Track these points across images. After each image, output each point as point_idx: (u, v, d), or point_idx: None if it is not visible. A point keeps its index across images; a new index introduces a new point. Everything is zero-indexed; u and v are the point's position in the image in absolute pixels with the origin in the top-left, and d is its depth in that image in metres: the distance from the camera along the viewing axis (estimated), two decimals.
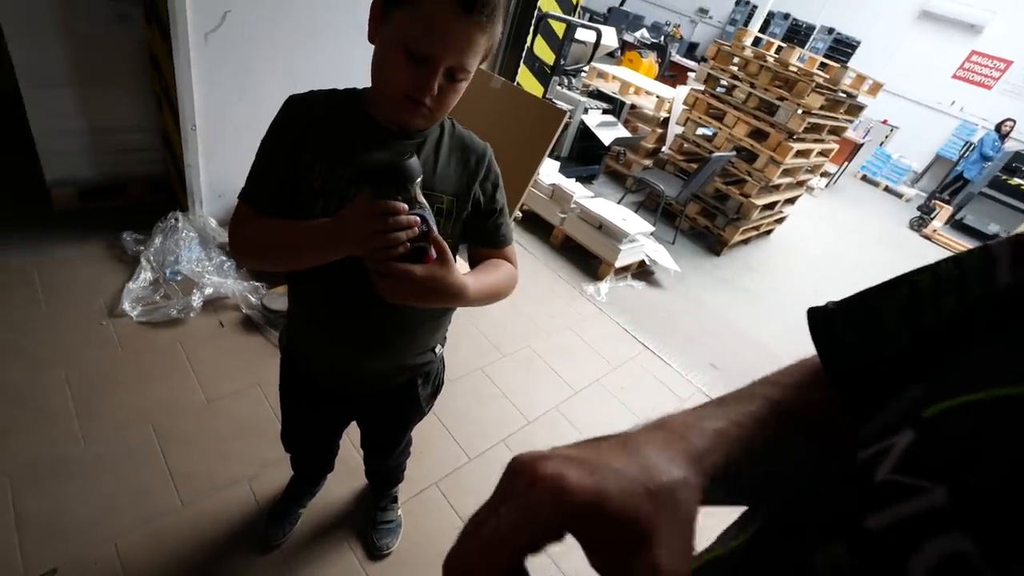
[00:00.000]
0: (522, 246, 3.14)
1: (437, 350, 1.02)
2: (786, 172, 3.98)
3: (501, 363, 2.21)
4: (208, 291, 1.99)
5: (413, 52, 0.66)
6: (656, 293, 3.22)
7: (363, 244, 0.64)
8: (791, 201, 4.58)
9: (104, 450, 1.44)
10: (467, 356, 2.18)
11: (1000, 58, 8.42)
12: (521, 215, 2.81)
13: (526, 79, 2.71)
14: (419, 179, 0.66)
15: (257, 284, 2.06)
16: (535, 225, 3.36)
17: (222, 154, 2.00)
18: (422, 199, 0.67)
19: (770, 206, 4.20)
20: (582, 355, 2.43)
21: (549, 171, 3.36)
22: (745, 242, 4.39)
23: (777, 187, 4.11)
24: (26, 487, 1.31)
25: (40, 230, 2.04)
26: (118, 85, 1.93)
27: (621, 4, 9.68)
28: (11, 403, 1.48)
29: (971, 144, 8.28)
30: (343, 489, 1.53)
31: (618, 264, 3.03)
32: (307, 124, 0.77)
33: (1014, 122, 7.71)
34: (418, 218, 0.65)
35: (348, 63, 2.05)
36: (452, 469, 1.70)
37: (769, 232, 4.78)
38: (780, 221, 4.76)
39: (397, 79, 0.68)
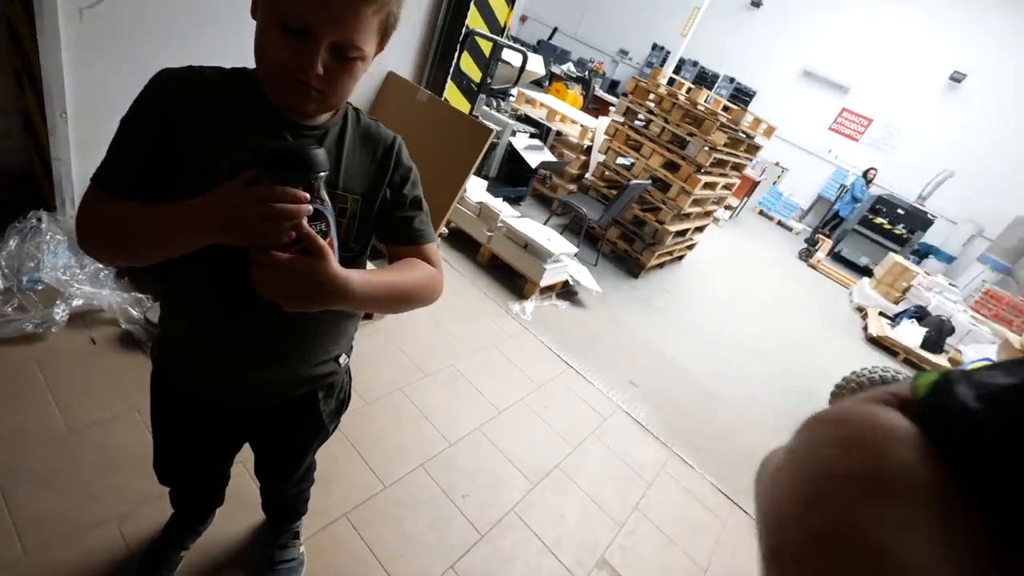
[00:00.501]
0: (449, 263, 3.09)
1: (341, 360, 0.91)
2: (696, 202, 4.29)
3: (423, 383, 2.12)
4: (77, 302, 1.72)
5: (290, 25, 0.59)
6: (579, 312, 3.29)
7: (246, 230, 0.57)
8: (700, 229, 4.94)
9: None
10: (387, 375, 2.07)
11: (863, 115, 9.81)
12: (447, 231, 2.77)
13: (453, 96, 2.71)
14: (323, 173, 0.60)
15: (141, 296, 1.83)
16: (462, 243, 3.32)
17: (99, 148, 1.74)
18: (324, 195, 0.61)
19: (682, 233, 4.49)
20: (506, 374, 2.40)
21: (477, 189, 3.36)
22: (660, 266, 4.65)
23: (688, 215, 4.42)
24: None
25: None
26: None
27: (550, 38, 10.14)
28: None
29: (844, 187, 9.52)
30: (235, 525, 1.36)
31: (543, 283, 3.07)
32: (184, 100, 0.67)
33: (876, 170, 9.00)
34: (311, 209, 0.59)
35: (249, 49, 1.92)
36: (365, 498, 1.57)
37: (681, 257, 5.10)
38: (691, 247, 5.10)
39: (276, 56, 0.62)
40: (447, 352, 2.35)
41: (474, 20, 2.50)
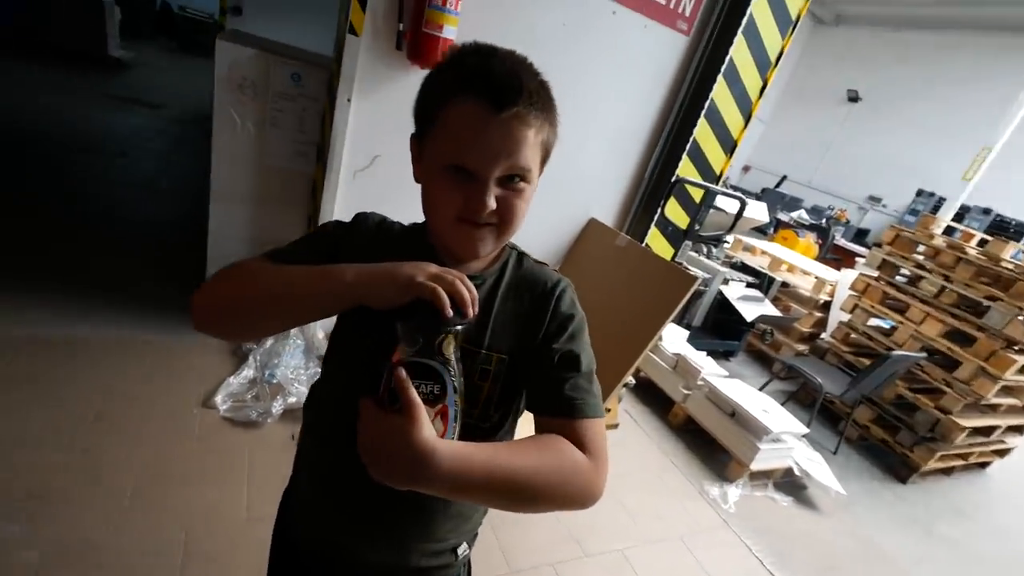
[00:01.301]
0: (631, 417, 2.71)
1: (460, 551, 0.72)
2: (1007, 390, 3.02)
3: (580, 564, 1.72)
4: (292, 400, 1.96)
5: (456, 168, 0.56)
6: (808, 516, 2.43)
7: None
8: (1018, 430, 3.43)
9: (129, 545, 1.35)
10: (538, 543, 1.74)
11: None
12: (634, 381, 2.46)
13: (657, 242, 2.58)
14: (458, 328, 0.51)
15: None
16: (651, 397, 2.92)
17: None
18: (450, 354, 0.51)
19: (984, 431, 3.17)
20: None
21: (675, 339, 3.01)
22: (946, 472, 3.29)
23: (994, 408, 3.13)
24: (49, 568, 1.25)
25: (182, 316, 2.29)
26: (283, 206, 2.25)
27: (777, 186, 9.66)
28: (84, 472, 1.49)
29: None
30: None
31: (755, 467, 2.40)
32: (364, 241, 0.67)
33: None
34: (420, 368, 0.50)
35: None
36: None
37: (984, 465, 3.56)
38: (1002, 453, 3.54)
39: (445, 202, 0.58)
40: (615, 531, 1.91)
41: (686, 170, 2.42)
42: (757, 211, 3.62)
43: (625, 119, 2.33)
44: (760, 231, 5.76)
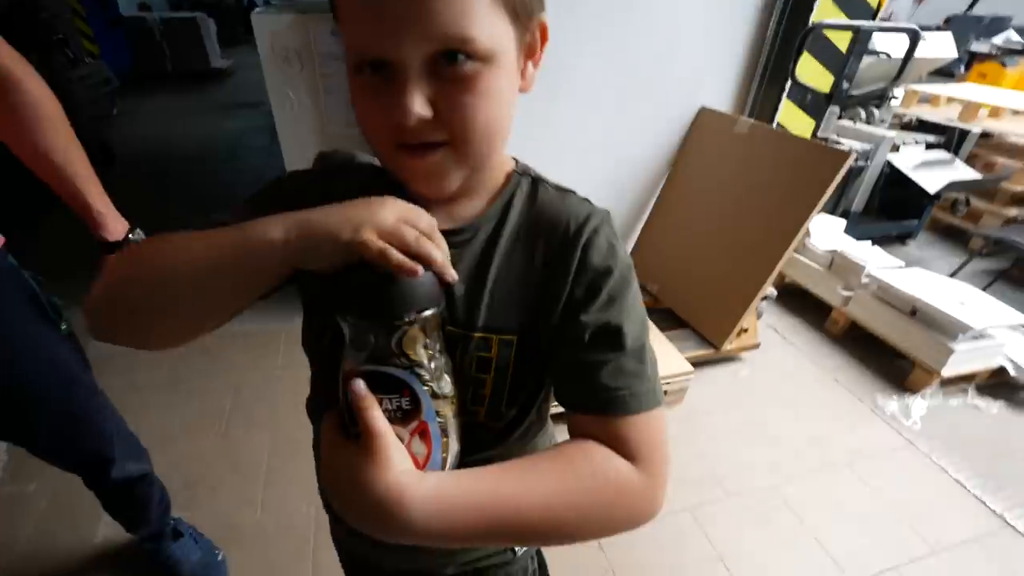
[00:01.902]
0: (778, 333, 2.36)
1: (518, 548, 0.62)
2: None
3: (723, 506, 1.57)
4: None
5: (368, 65, 0.38)
6: None
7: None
8: None
9: (265, 522, 1.45)
10: (671, 485, 1.63)
11: None
12: (776, 292, 2.10)
13: (792, 117, 2.07)
14: (425, 314, 0.38)
15: None
16: (802, 305, 2.51)
17: None
18: (419, 353, 0.38)
19: None
20: (871, 519, 1.55)
21: (828, 233, 2.50)
22: None
23: None
24: None
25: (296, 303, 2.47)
26: None
27: (969, 8, 7.34)
28: (225, 459, 1.63)
29: None
30: None
31: (948, 372, 1.95)
32: (319, 189, 0.48)
33: None
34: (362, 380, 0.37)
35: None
36: None
37: None
38: None
39: (371, 122, 0.41)
40: (766, 463, 1.71)
41: (824, 12, 1.84)
42: (938, 46, 2.75)
43: None
44: (946, 73, 4.45)
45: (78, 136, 0.83)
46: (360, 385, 0.36)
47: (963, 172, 2.96)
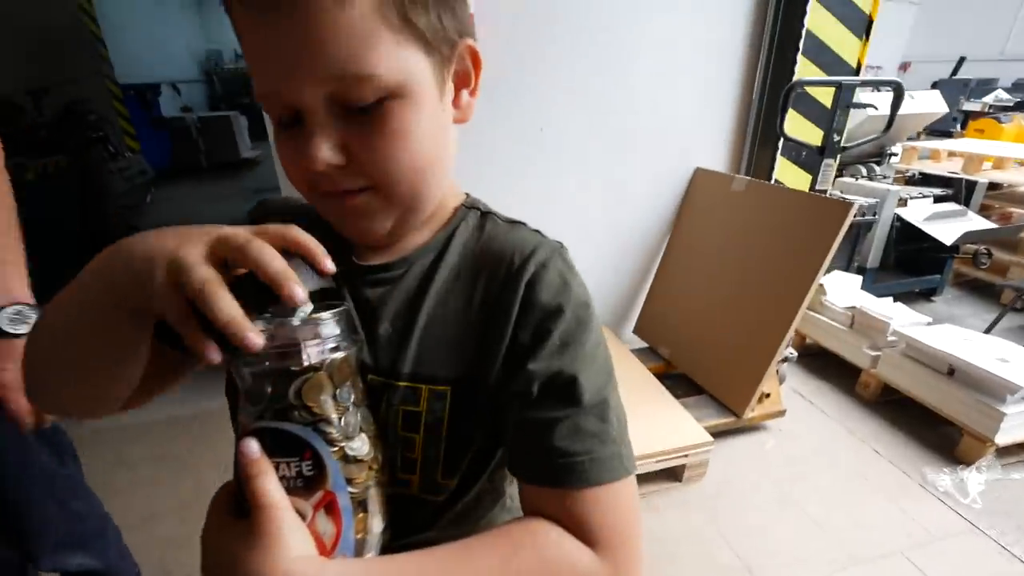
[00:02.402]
0: (804, 398, 2.18)
1: None
2: None
3: None
4: None
5: (277, 113, 0.37)
6: None
7: None
8: None
9: None
10: (689, 574, 1.41)
11: None
12: (796, 354, 1.95)
13: (788, 173, 2.05)
14: (332, 355, 0.32)
15: None
16: (825, 366, 2.33)
17: None
18: (325, 406, 0.32)
19: None
20: None
21: (845, 290, 2.38)
22: None
23: None
24: None
25: None
26: None
27: (954, 73, 7.63)
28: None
29: None
30: None
31: (1003, 439, 1.74)
32: None
33: None
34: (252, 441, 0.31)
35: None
36: None
37: None
38: None
39: (289, 168, 0.39)
40: (803, 553, 1.48)
41: (805, 72, 1.87)
42: (927, 102, 2.79)
43: (706, 33, 1.87)
44: (942, 133, 4.53)
45: (105, 223, 0.82)
46: (250, 445, 0.30)
47: (977, 222, 2.86)
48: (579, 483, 0.36)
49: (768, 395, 1.88)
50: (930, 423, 1.94)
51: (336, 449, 0.31)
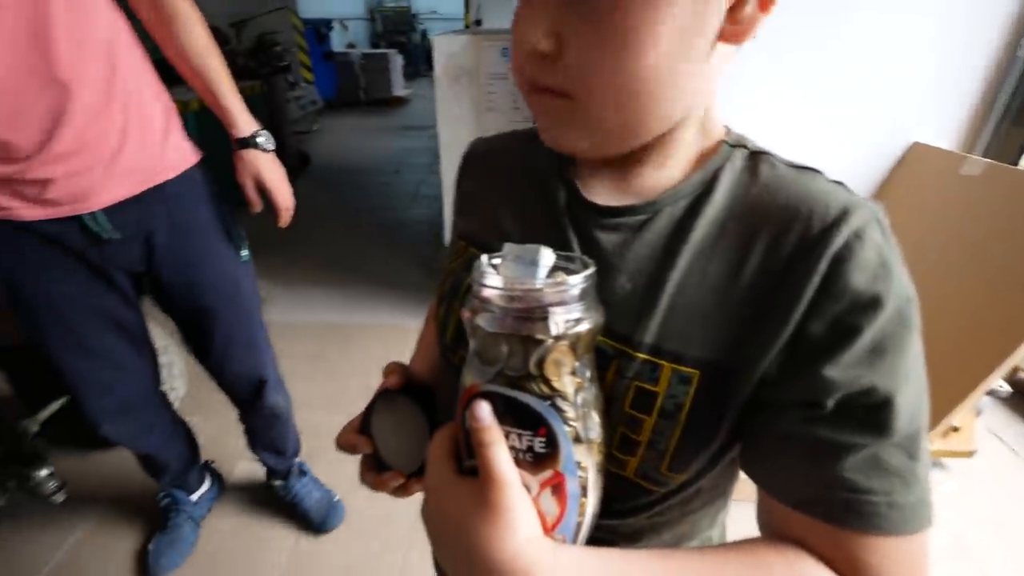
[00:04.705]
0: (1003, 442, 1.75)
1: None
2: None
3: None
4: None
5: None
6: None
7: None
8: None
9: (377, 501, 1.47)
10: None
11: None
12: (1010, 390, 1.56)
13: None
14: (578, 326, 0.28)
15: None
16: None
17: None
18: (563, 382, 0.28)
19: None
20: None
21: None
22: None
23: None
24: None
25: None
26: None
27: None
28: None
29: None
30: None
31: None
32: (479, 174, 0.49)
33: None
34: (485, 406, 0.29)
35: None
36: None
37: None
38: None
39: (512, 52, 0.34)
40: None
41: None
42: None
43: None
44: None
45: (281, 144, 0.91)
46: (484, 410, 0.28)
47: None
48: (870, 528, 0.28)
49: (957, 429, 1.55)
50: None
51: (570, 429, 0.28)
